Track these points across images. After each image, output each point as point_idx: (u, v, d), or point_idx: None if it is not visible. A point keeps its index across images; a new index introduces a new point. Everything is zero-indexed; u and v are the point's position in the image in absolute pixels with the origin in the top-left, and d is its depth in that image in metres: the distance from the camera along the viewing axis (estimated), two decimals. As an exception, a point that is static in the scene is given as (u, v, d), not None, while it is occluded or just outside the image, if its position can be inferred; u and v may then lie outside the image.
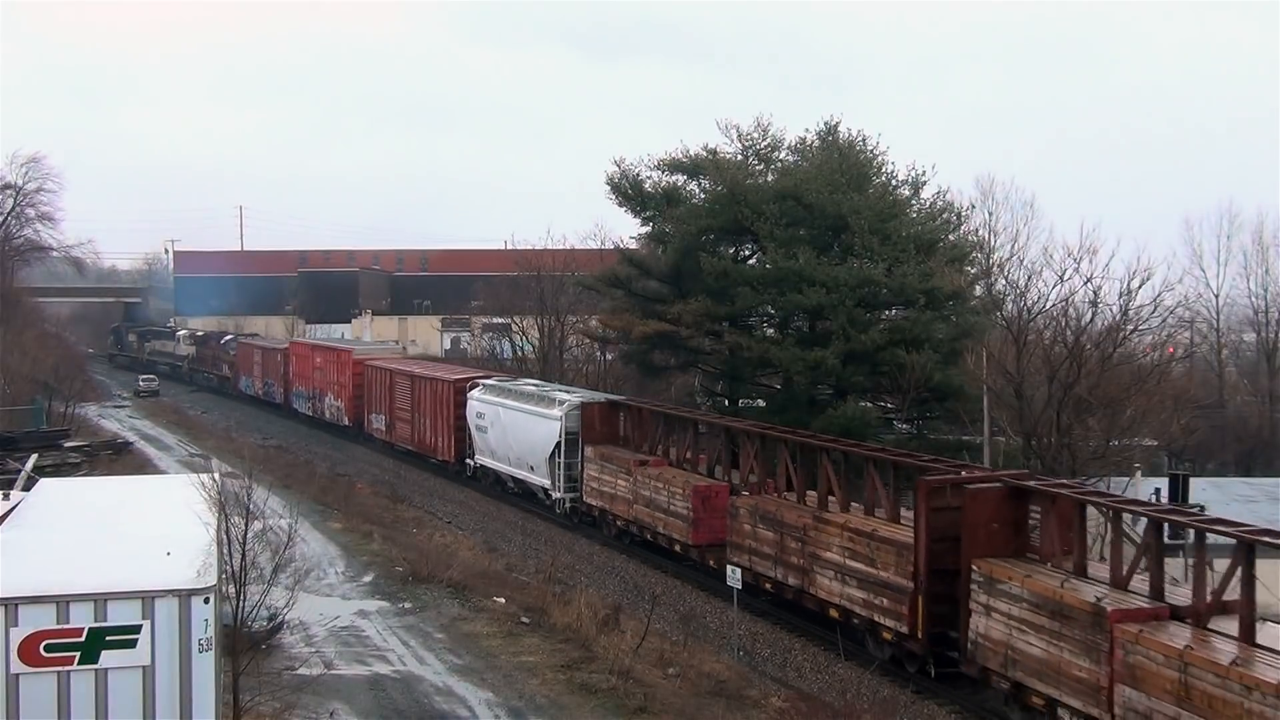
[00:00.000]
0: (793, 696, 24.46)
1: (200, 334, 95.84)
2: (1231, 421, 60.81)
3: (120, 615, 14.22)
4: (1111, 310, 40.27)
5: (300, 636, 25.40)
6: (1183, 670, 18.34)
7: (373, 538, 36.38)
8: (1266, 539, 19.25)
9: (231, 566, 17.69)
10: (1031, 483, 24.66)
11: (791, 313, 48.83)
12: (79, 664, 14.08)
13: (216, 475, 19.26)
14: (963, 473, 26.21)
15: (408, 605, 28.75)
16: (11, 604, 13.93)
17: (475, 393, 47.95)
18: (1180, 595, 20.72)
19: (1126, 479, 39.67)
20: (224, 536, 17.30)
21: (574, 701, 22.18)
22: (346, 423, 62.38)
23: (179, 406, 76.77)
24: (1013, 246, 45.63)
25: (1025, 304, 41.13)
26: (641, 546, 37.21)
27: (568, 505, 41.28)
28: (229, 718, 17.51)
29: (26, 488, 24.02)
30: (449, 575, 30.86)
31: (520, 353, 73.56)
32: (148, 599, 14.30)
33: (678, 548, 34.67)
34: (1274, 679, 17.09)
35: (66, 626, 14.07)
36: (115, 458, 46.06)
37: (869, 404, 48.13)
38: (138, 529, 17.37)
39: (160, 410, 74.15)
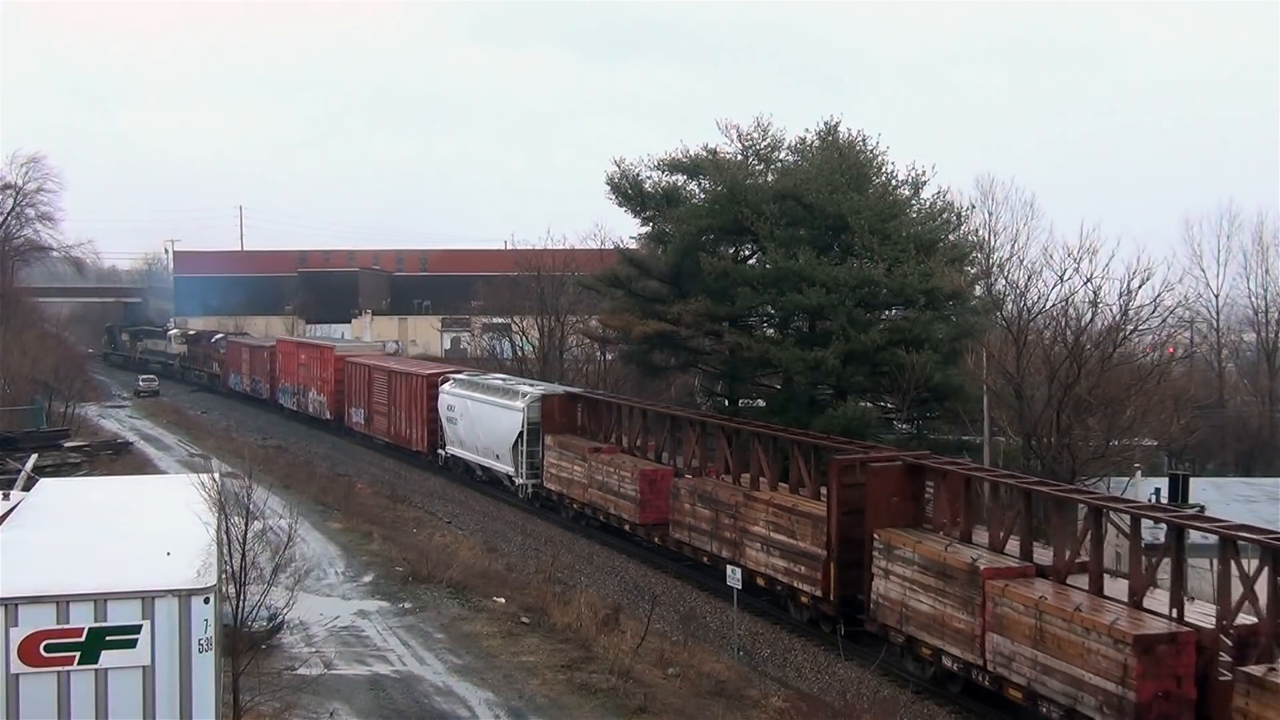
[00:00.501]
0: (793, 696, 24.46)
1: (191, 333, 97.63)
2: (1231, 421, 60.80)
3: (120, 615, 14.22)
4: (1111, 310, 40.28)
5: (300, 636, 25.41)
6: (1038, 617, 21.39)
7: (372, 538, 36.38)
8: (1112, 505, 23.55)
9: (231, 566, 17.68)
10: (926, 461, 27.73)
11: (791, 313, 48.81)
12: (79, 664, 14.07)
13: (216, 475, 19.25)
14: (870, 453, 29.11)
15: (408, 605, 28.74)
16: (11, 604, 13.93)
17: (446, 387, 50.60)
18: (1045, 556, 23.49)
19: (1126, 479, 39.68)
20: (224, 536, 17.30)
21: (574, 701, 22.18)
22: (329, 416, 64.59)
23: (179, 406, 76.77)
24: (1013, 246, 45.61)
25: (1025, 304, 41.11)
26: (599, 529, 39.83)
27: (530, 490, 44.11)
28: (229, 718, 17.51)
29: (26, 488, 24.02)
30: (449, 575, 30.85)
31: (520, 353, 73.51)
32: (148, 599, 14.30)
33: (627, 527, 37.68)
34: (1107, 621, 20.09)
35: (66, 626, 14.07)
36: (115, 458, 46.10)
37: (869, 404, 48.11)
38: (138, 529, 17.37)
39: (160, 410, 74.16)
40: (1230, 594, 19.74)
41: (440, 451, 51.52)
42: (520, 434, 44.04)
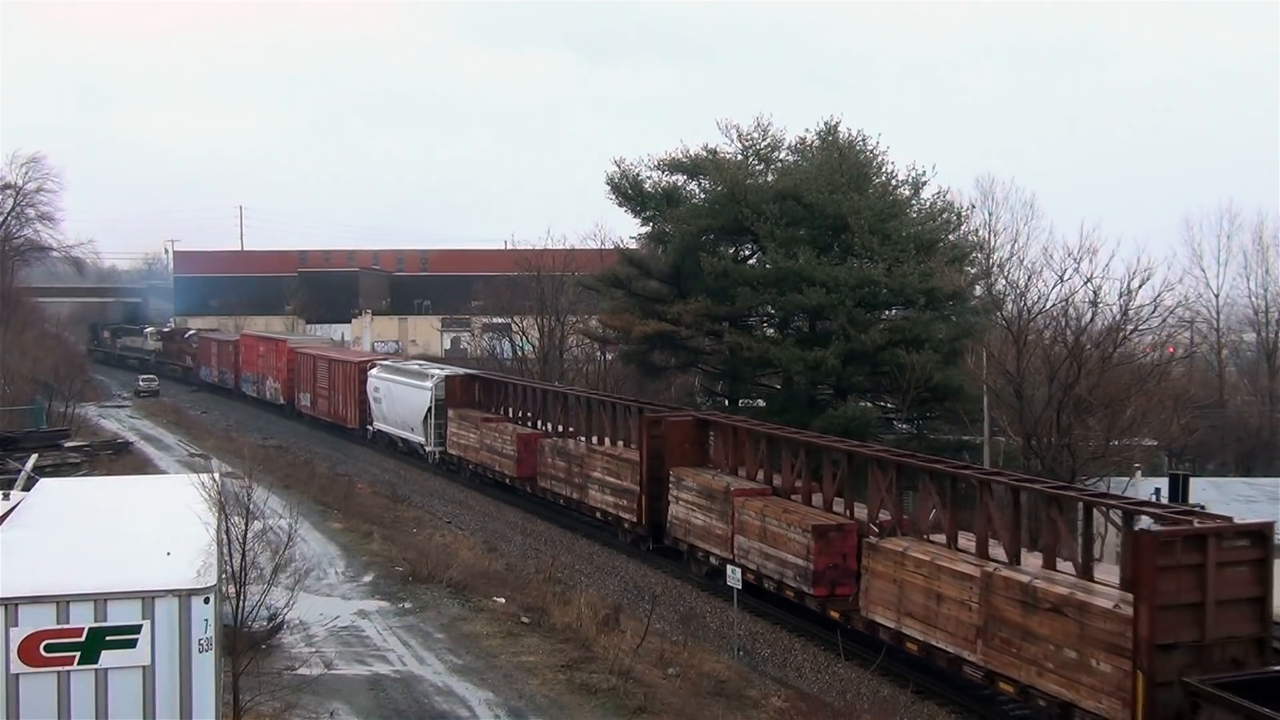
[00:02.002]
0: (793, 696, 24.46)
1: (166, 330, 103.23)
2: (1231, 421, 60.76)
3: (120, 615, 14.20)
4: (1111, 310, 40.28)
5: (300, 636, 25.39)
6: (762, 520, 30.14)
7: (372, 537, 36.37)
8: (800, 438, 32.96)
9: (231, 566, 17.67)
10: (708, 416, 37.99)
11: (791, 313, 48.84)
12: (79, 664, 14.05)
13: (216, 475, 19.24)
14: (670, 412, 38.42)
15: (408, 605, 28.73)
16: (11, 604, 13.91)
17: (373, 372, 58.10)
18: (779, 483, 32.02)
19: (1126, 479, 39.65)
20: (224, 536, 17.28)
21: (574, 701, 22.16)
22: (282, 401, 71.56)
23: (179, 406, 76.77)
24: (1013, 246, 45.69)
25: (1025, 304, 41.11)
26: (494, 486, 47.54)
27: (437, 456, 52.14)
28: (229, 718, 17.50)
29: (26, 488, 24.00)
30: (449, 575, 30.83)
31: (520, 353, 73.50)
32: (148, 599, 14.28)
33: (508, 480, 46.04)
34: (799, 517, 28.87)
35: (66, 626, 14.04)
36: (115, 458, 46.03)
37: (869, 404, 48.17)
38: (138, 529, 17.35)
39: (160, 410, 74.14)
40: (878, 504, 27.67)
41: (369, 427, 58.73)
42: (430, 409, 51.66)
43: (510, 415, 48.04)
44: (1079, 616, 20.87)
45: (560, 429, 43.46)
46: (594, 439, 40.40)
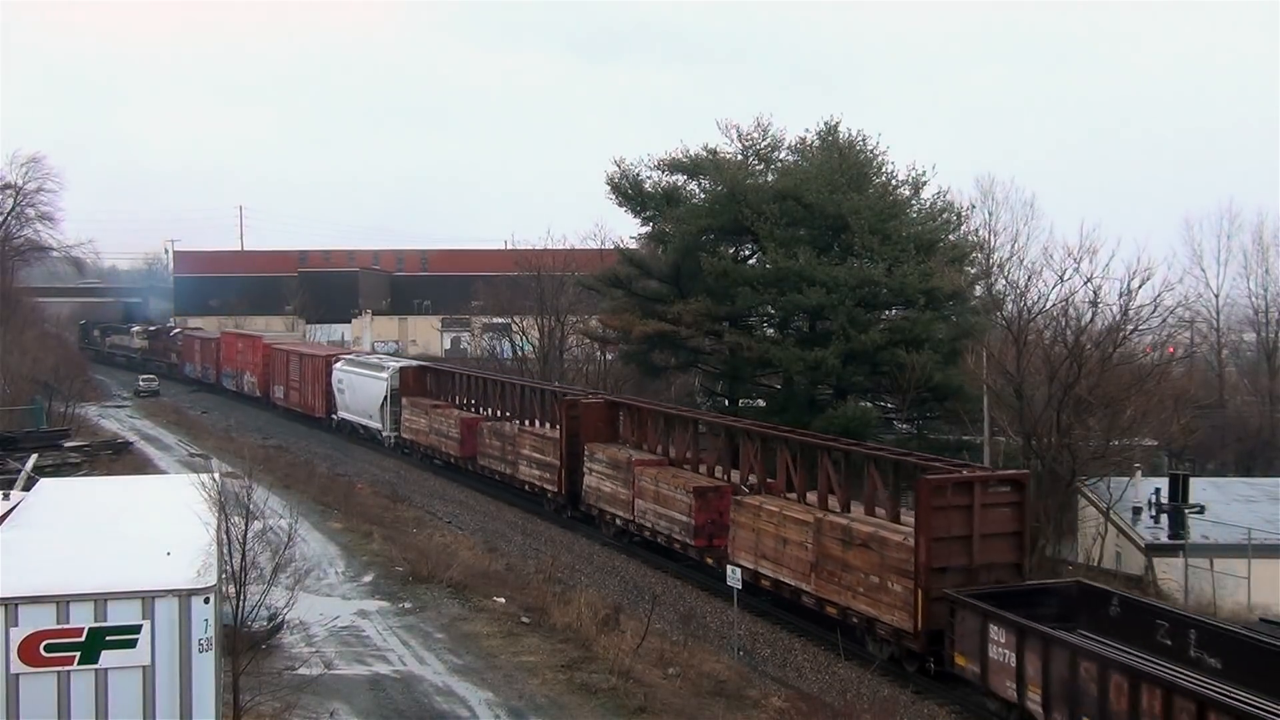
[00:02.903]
0: (793, 696, 24.45)
1: (152, 329, 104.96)
2: (1231, 421, 60.77)
3: (120, 615, 14.19)
4: (1111, 310, 40.28)
5: (300, 636, 25.37)
6: (656, 484, 35.70)
7: (372, 537, 36.34)
8: (692, 415, 41.01)
9: (231, 566, 17.66)
10: (617, 399, 43.62)
11: (791, 313, 48.81)
12: (79, 664, 14.05)
13: (216, 475, 19.23)
14: (585, 396, 44.20)
15: (408, 605, 28.72)
16: (11, 604, 13.90)
17: (337, 365, 62.80)
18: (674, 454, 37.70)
19: (1126, 479, 39.65)
20: (224, 536, 17.27)
21: (574, 701, 22.15)
22: (258, 394, 75.64)
23: (179, 406, 76.74)
24: (1013, 246, 45.70)
25: (1025, 304, 41.11)
26: (441, 466, 51.89)
27: (393, 441, 56.45)
28: (229, 718, 17.49)
29: (26, 488, 24.00)
30: (449, 575, 30.81)
31: (520, 353, 73.48)
32: (148, 599, 14.27)
33: (453, 459, 50.39)
34: (684, 480, 34.66)
35: (66, 626, 14.04)
36: (115, 458, 46.01)
37: (869, 404, 48.13)
38: (138, 529, 17.34)
39: (160, 410, 74.08)
40: (748, 469, 33.45)
41: (334, 416, 63.26)
42: (386, 397, 56.32)
43: (456, 402, 53.03)
44: (880, 549, 26.37)
45: (497, 413, 48.79)
46: (524, 421, 46.09)
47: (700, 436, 37.67)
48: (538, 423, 45.19)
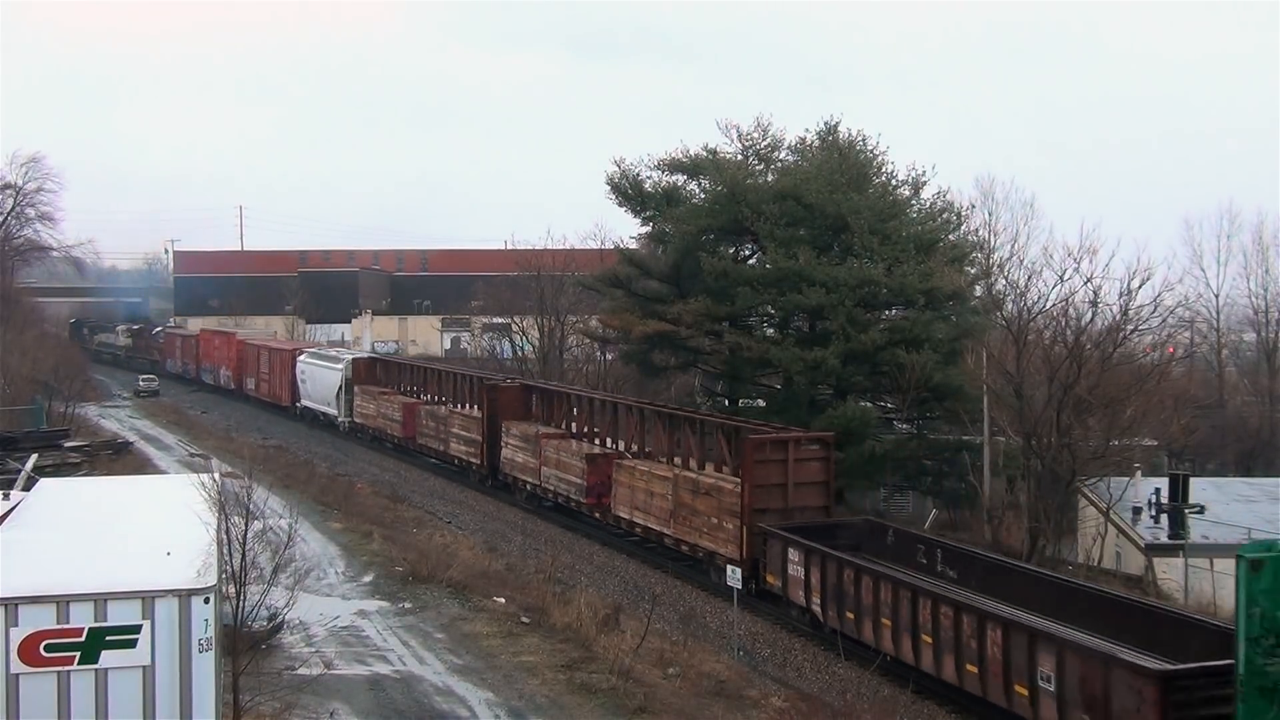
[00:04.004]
0: (793, 696, 24.47)
1: (135, 328, 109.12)
2: (1231, 421, 60.78)
3: (120, 615, 14.19)
4: (1111, 310, 40.19)
5: (300, 636, 25.37)
6: (557, 453, 42.36)
7: (372, 537, 36.34)
8: (597, 396, 47.49)
9: (231, 566, 17.66)
10: (530, 384, 51.67)
11: (791, 313, 48.75)
12: (79, 664, 14.04)
13: (216, 475, 19.23)
14: (504, 381, 51.98)
15: (408, 605, 28.72)
16: (11, 604, 13.90)
17: (300, 358, 69.42)
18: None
19: (1126, 479, 39.64)
20: (224, 536, 17.27)
21: (574, 701, 22.16)
22: (233, 387, 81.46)
23: (179, 406, 76.80)
24: (1013, 246, 45.56)
25: (1025, 304, 41.03)
26: (390, 448, 58.61)
27: (347, 425, 63.35)
28: (229, 718, 17.50)
29: (26, 488, 24.00)
30: (449, 575, 30.82)
31: (520, 352, 73.46)
32: (148, 599, 14.27)
33: (395, 440, 57.81)
34: (577, 448, 41.85)
35: (66, 626, 14.04)
36: (115, 458, 46.01)
37: (869, 404, 48.07)
38: (138, 529, 17.34)
39: (160, 410, 74.13)
40: (630, 437, 40.45)
41: (298, 404, 69.55)
42: (341, 386, 63.19)
43: (400, 390, 60.23)
44: (718, 496, 33.29)
45: (434, 398, 55.93)
46: (455, 404, 52.67)
47: (597, 413, 43.96)
48: (465, 405, 51.39)
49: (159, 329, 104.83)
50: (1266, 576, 17.83)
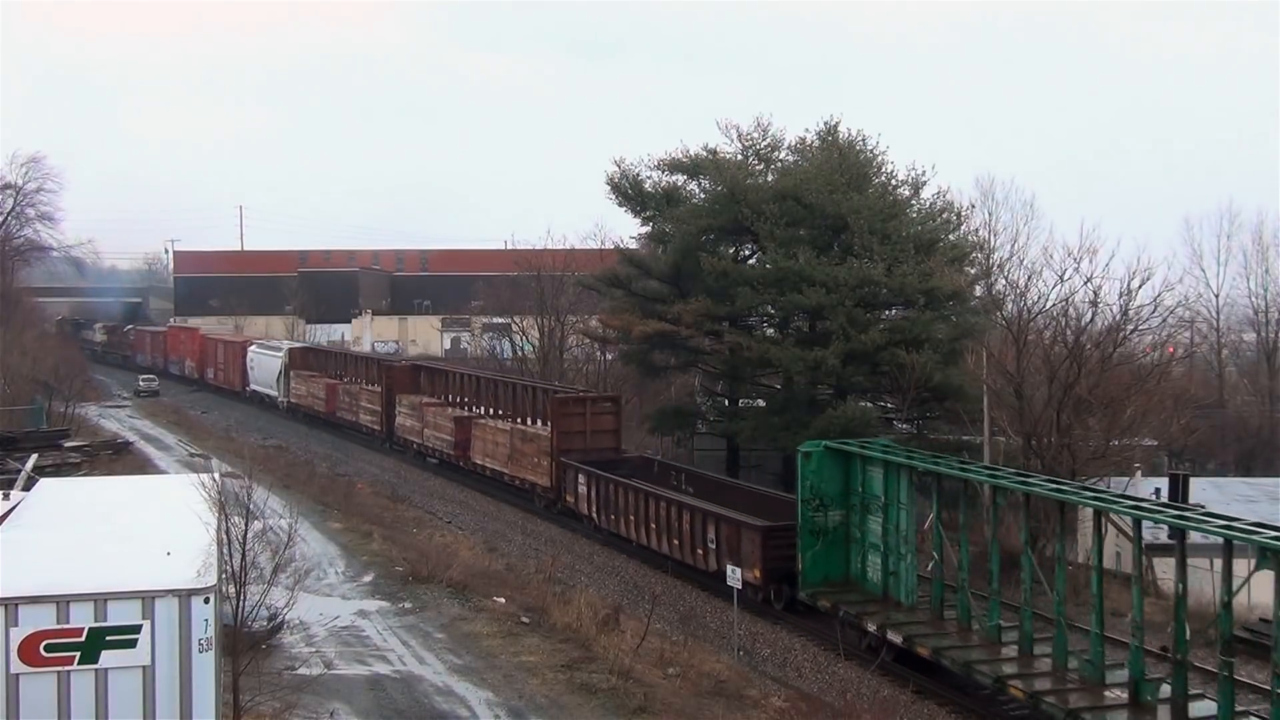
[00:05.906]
0: (793, 696, 24.46)
1: (110, 325, 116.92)
2: (1231, 421, 60.76)
3: (120, 615, 14.19)
4: (1111, 310, 40.15)
5: (300, 636, 25.38)
6: (436, 419, 53.85)
7: (372, 537, 36.36)
8: (465, 371, 60.09)
9: (231, 566, 17.66)
10: (419, 363, 64.07)
11: (791, 313, 48.73)
12: (79, 664, 14.04)
13: (216, 475, 19.23)
14: (398, 363, 65.62)
15: (408, 605, 28.73)
16: (11, 604, 13.90)
17: (250, 349, 79.78)
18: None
19: (1126, 479, 39.59)
20: (224, 536, 17.27)
21: (574, 701, 22.16)
22: (196, 376, 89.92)
23: (179, 407, 76.87)
24: (1013, 246, 45.44)
25: (1025, 304, 40.99)
26: (321, 424, 67.05)
27: (285, 405, 72.68)
28: (229, 718, 17.49)
29: (26, 488, 24.01)
30: (449, 575, 30.82)
31: (520, 352, 73.43)
32: (148, 599, 14.27)
33: (321, 415, 67.30)
34: (450, 413, 53.33)
35: (66, 626, 14.04)
36: (115, 458, 46.05)
37: (869, 404, 48.05)
38: (138, 529, 17.34)
39: (160, 410, 74.19)
40: (488, 403, 51.46)
41: (248, 389, 79.06)
42: (281, 371, 72.96)
43: (327, 373, 69.70)
44: (537, 441, 44.53)
45: (350, 380, 65.86)
46: (364, 383, 63.36)
47: (466, 385, 53.69)
48: (372, 384, 62.11)
49: (130, 327, 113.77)
50: (813, 462, 29.09)
